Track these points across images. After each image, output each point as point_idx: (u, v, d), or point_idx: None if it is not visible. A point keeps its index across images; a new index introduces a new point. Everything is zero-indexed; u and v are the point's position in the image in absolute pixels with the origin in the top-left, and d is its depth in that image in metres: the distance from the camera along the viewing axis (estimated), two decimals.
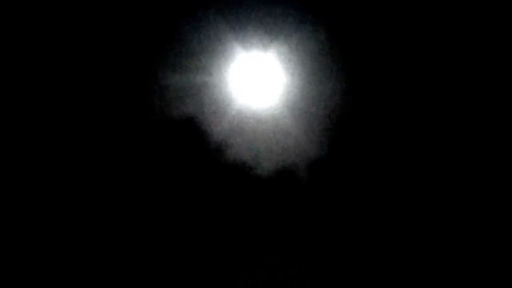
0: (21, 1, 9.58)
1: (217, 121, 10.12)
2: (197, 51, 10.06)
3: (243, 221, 9.88)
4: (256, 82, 10.45)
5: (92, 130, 9.79)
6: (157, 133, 10.01)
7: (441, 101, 10.04)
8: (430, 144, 9.99)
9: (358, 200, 9.99)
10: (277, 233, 9.86)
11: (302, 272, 9.60)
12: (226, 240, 9.75)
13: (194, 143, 10.07)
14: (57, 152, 9.69)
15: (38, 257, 9.43)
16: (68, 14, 9.71)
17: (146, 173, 9.85)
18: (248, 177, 10.11)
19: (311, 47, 10.15)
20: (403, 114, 10.09)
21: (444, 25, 10.00)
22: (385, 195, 9.94)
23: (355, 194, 10.01)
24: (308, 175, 10.15)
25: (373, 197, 9.96)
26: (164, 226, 9.72)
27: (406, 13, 10.01)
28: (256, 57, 10.29)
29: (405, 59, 10.07)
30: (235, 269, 9.59)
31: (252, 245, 9.73)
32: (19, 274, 9.27)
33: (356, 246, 9.80)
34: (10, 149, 9.60)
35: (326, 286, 9.55)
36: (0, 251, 9.32)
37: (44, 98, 9.71)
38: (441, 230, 9.78)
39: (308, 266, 9.64)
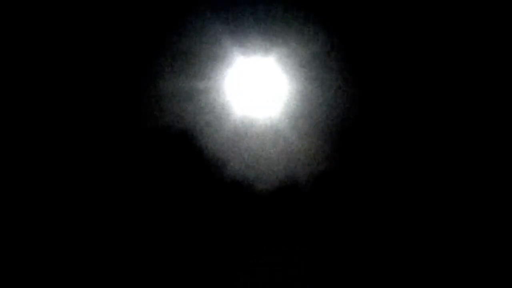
0: (18, 2, 9.57)
1: (214, 130, 9.96)
2: (193, 55, 9.91)
3: (243, 221, 9.89)
4: (256, 89, 10.28)
5: (81, 137, 9.67)
6: (149, 143, 9.88)
7: (451, 107, 9.91)
8: (440, 154, 9.90)
9: (359, 203, 9.99)
10: (277, 233, 9.86)
11: (302, 272, 9.59)
12: (226, 240, 9.76)
13: (189, 153, 10.00)
14: (45, 158, 9.62)
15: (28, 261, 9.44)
16: (61, 16, 9.68)
17: (139, 183, 9.77)
18: (248, 189, 10.04)
19: (315, 51, 9.95)
20: (413, 121, 9.95)
21: (453, 28, 9.90)
22: (387, 200, 9.93)
23: (358, 198, 10.00)
24: (312, 187, 10.08)
25: (375, 201, 9.96)
26: (164, 228, 9.74)
27: (414, 16, 9.89)
28: (256, 62, 10.15)
29: (414, 64, 9.90)
30: (235, 269, 9.58)
31: (252, 245, 9.73)
32: (18, 274, 9.30)
33: (356, 246, 9.79)
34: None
35: (326, 286, 9.53)
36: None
37: (36, 101, 9.67)
38: (442, 232, 9.77)
39: (308, 266, 9.63)
